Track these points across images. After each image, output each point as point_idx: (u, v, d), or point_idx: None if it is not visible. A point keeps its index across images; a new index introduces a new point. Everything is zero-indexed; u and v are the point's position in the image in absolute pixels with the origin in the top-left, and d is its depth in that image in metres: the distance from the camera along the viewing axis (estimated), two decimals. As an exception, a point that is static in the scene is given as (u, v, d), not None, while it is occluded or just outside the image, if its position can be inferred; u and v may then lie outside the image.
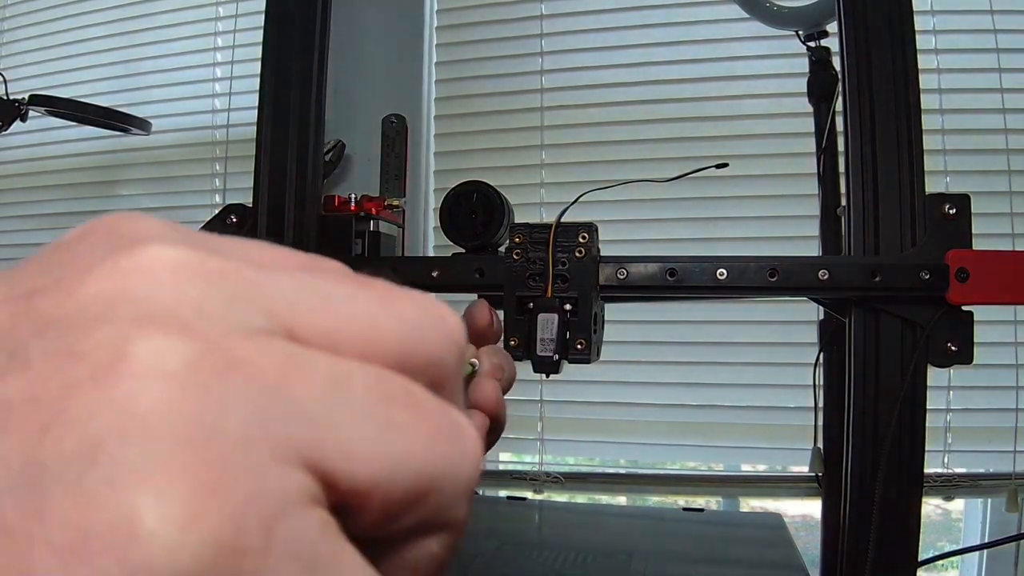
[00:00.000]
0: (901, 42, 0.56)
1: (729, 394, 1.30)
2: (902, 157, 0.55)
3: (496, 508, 1.04)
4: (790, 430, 1.24)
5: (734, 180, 1.26)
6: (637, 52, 1.37)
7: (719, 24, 1.32)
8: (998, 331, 1.17)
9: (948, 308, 0.53)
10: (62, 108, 1.18)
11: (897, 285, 0.52)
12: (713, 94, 1.33)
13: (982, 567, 1.26)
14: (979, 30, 1.23)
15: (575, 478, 1.37)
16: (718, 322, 1.30)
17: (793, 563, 0.79)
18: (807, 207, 1.08)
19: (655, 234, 1.34)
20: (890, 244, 0.54)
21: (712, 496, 1.41)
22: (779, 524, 0.93)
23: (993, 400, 1.20)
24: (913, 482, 0.53)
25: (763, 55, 1.30)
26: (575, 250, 0.56)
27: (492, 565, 0.79)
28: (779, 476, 1.35)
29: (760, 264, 0.53)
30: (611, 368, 1.29)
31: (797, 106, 1.02)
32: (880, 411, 0.53)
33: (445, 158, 1.45)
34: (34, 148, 1.63)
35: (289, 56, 0.66)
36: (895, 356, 0.54)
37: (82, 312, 0.11)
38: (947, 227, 0.54)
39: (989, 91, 1.22)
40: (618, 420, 1.33)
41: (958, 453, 1.20)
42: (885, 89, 0.55)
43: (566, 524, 1.03)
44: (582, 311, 0.55)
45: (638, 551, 0.82)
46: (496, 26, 1.43)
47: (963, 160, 1.20)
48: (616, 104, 1.36)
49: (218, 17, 1.54)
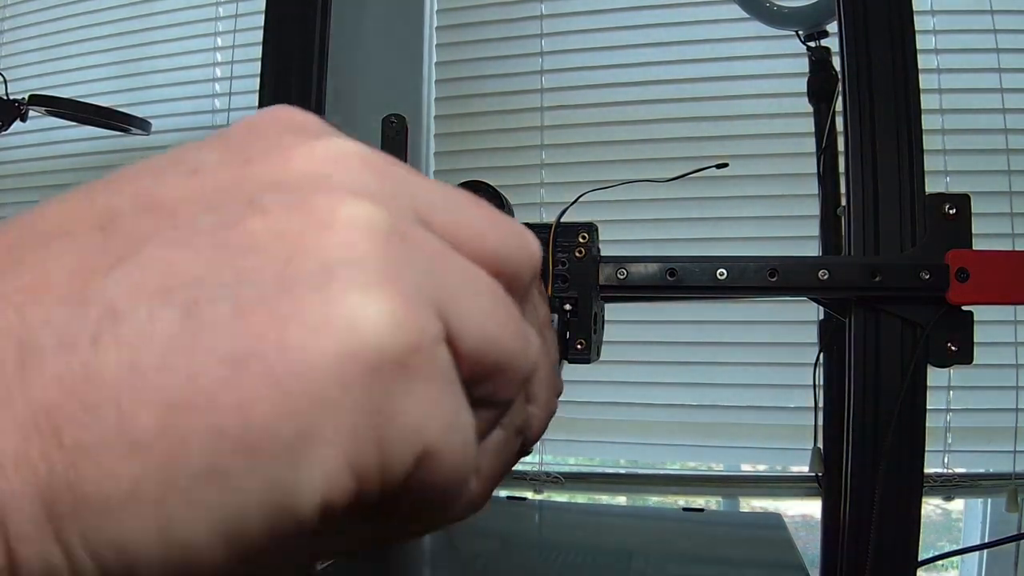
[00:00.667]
0: (901, 42, 0.56)
1: (729, 394, 1.30)
2: (902, 157, 0.55)
3: (496, 508, 1.04)
4: (790, 430, 1.24)
5: (734, 180, 1.26)
6: (637, 52, 1.37)
7: (719, 24, 1.32)
8: (998, 331, 1.17)
9: (948, 308, 0.53)
10: (62, 108, 1.18)
11: (897, 285, 0.52)
12: (713, 94, 1.33)
13: (982, 567, 1.26)
14: (979, 30, 1.23)
15: (575, 478, 1.37)
16: (718, 322, 1.30)
17: (793, 563, 0.79)
18: (807, 207, 1.08)
19: (655, 234, 1.34)
20: (890, 244, 0.54)
21: (712, 496, 1.41)
22: (779, 524, 0.93)
23: (993, 400, 1.20)
24: (913, 482, 0.53)
25: (763, 55, 1.30)
26: (575, 250, 0.56)
27: (492, 565, 0.79)
28: (779, 476, 1.35)
29: (760, 264, 0.53)
30: (611, 368, 1.29)
31: (797, 106, 1.02)
32: (880, 411, 0.53)
33: (445, 158, 1.45)
34: (34, 148, 1.63)
35: (289, 56, 0.66)
36: (895, 356, 0.54)
37: (298, 180, 0.15)
38: (947, 227, 0.54)
39: (989, 91, 1.22)
40: (618, 420, 1.33)
41: (958, 453, 1.20)
42: (885, 89, 0.55)
43: (566, 524, 1.03)
44: (582, 311, 0.55)
45: (638, 551, 0.82)
46: (496, 26, 1.44)
47: (963, 160, 1.20)
48: (616, 104, 1.36)
49: (218, 17, 1.54)
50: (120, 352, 0.13)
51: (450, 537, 0.88)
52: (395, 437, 0.14)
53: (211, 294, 0.13)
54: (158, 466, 0.12)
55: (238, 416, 0.12)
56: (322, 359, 0.13)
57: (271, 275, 0.13)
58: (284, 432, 0.13)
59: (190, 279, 0.13)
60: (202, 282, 0.13)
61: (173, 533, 0.13)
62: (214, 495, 0.13)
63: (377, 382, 0.13)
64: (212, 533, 0.13)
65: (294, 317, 0.13)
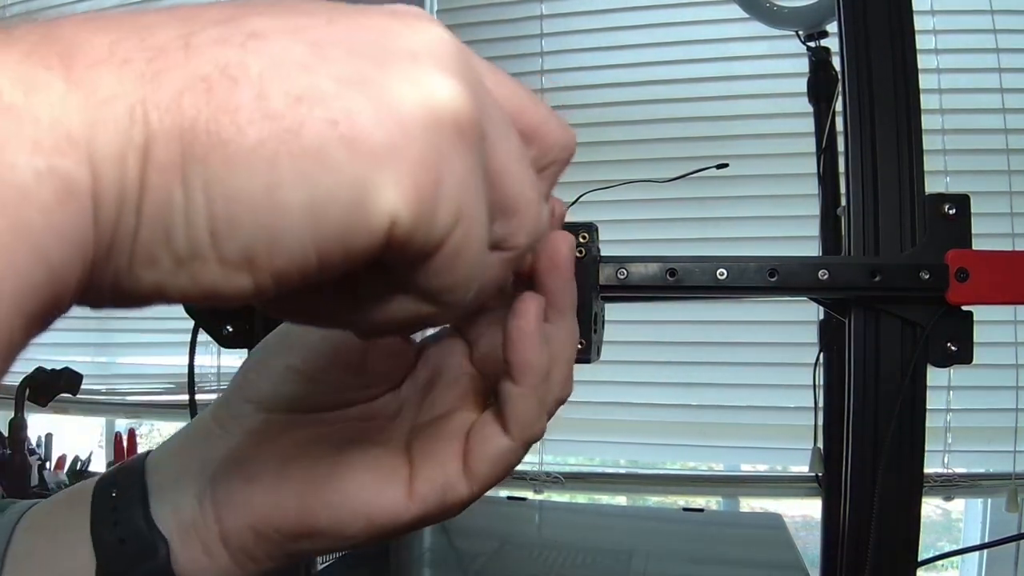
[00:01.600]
0: (901, 42, 0.56)
1: (729, 394, 1.30)
2: (902, 157, 0.55)
3: (496, 508, 1.04)
4: (790, 430, 1.24)
5: (734, 180, 1.26)
6: (637, 52, 1.37)
7: (719, 24, 1.32)
8: (998, 331, 1.17)
9: (948, 308, 0.53)
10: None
11: (897, 285, 0.52)
12: (713, 94, 1.33)
13: (982, 567, 1.26)
14: (979, 30, 1.23)
15: (575, 478, 1.38)
16: (718, 322, 1.30)
17: (793, 563, 0.79)
18: (807, 207, 1.08)
19: (655, 234, 1.34)
20: (890, 244, 0.54)
21: (712, 496, 1.41)
22: (779, 524, 0.94)
23: (993, 400, 1.20)
24: (913, 482, 0.53)
25: (763, 55, 1.30)
26: (575, 250, 0.56)
27: (492, 565, 0.79)
28: (779, 476, 1.35)
29: (760, 264, 0.53)
30: (611, 368, 1.29)
31: (797, 106, 1.02)
32: (880, 411, 0.53)
33: (445, 158, 1.44)
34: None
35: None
36: (895, 356, 0.54)
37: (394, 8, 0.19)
38: (947, 227, 0.54)
39: (989, 91, 1.22)
40: (618, 420, 1.33)
41: (958, 453, 1.21)
42: (885, 89, 0.55)
43: (566, 524, 1.03)
44: (582, 311, 0.55)
45: (638, 551, 0.82)
46: (496, 26, 1.44)
47: (963, 160, 1.20)
48: (616, 104, 1.36)
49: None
50: (261, 56, 0.16)
51: (450, 537, 0.88)
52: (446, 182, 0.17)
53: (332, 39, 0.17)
54: (280, 133, 0.16)
55: (347, 115, 0.16)
56: (413, 101, 0.17)
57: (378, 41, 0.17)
58: (376, 138, 0.16)
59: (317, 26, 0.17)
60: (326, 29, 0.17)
61: (276, 195, 0.16)
62: (315, 170, 0.16)
63: (445, 134, 0.17)
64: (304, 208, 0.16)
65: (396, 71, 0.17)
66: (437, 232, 0.17)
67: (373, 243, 0.17)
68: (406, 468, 0.26)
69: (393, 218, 0.16)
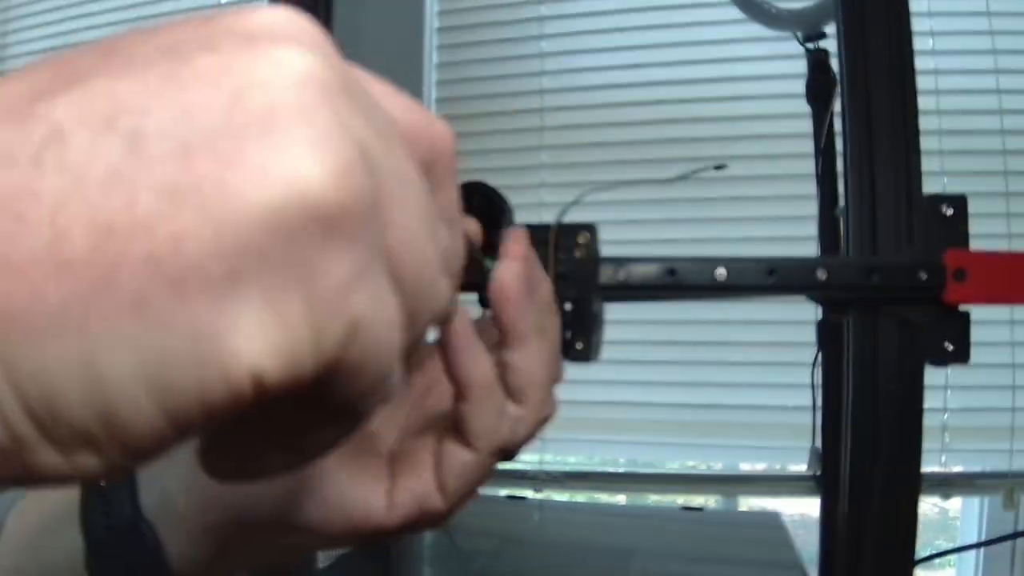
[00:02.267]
0: (899, 44, 0.56)
1: (728, 393, 1.30)
2: (899, 158, 0.55)
3: (496, 507, 1.05)
4: (788, 429, 1.24)
5: (734, 180, 1.26)
6: (637, 53, 1.37)
7: (718, 26, 1.32)
8: (995, 331, 1.18)
9: (945, 308, 0.53)
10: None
11: (895, 285, 0.53)
12: (712, 95, 1.33)
13: (979, 565, 1.26)
14: (976, 32, 1.23)
15: (575, 477, 1.38)
16: (717, 322, 1.30)
17: (791, 562, 0.80)
18: (806, 207, 1.08)
19: (655, 234, 1.34)
20: (888, 244, 0.54)
21: (711, 495, 1.41)
22: (777, 523, 0.94)
23: (990, 399, 1.20)
24: (910, 481, 0.53)
25: (762, 57, 1.30)
26: (575, 250, 0.56)
27: (492, 563, 0.80)
28: (777, 475, 1.35)
29: (759, 264, 0.53)
30: (611, 367, 1.29)
31: (796, 107, 1.02)
32: (878, 410, 0.54)
33: (445, 158, 1.45)
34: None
35: (291, 57, 0.67)
36: (893, 355, 0.54)
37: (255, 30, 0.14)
38: (944, 227, 0.54)
39: (986, 92, 1.22)
40: (618, 419, 1.33)
41: (955, 452, 1.21)
42: (883, 90, 0.56)
43: (566, 523, 1.03)
44: (582, 311, 0.55)
45: (638, 550, 0.82)
46: (497, 27, 1.44)
47: (960, 161, 1.21)
48: (616, 105, 1.37)
49: (218, 17, 1.54)
50: (60, 173, 0.12)
51: (450, 536, 0.88)
52: (323, 297, 0.13)
53: (157, 127, 0.13)
54: (86, 289, 0.12)
55: (171, 247, 0.12)
56: (258, 204, 0.13)
57: (218, 111, 0.13)
58: (214, 270, 0.12)
59: (137, 110, 0.13)
60: (148, 113, 0.13)
61: (96, 368, 0.12)
62: (140, 330, 0.12)
63: (308, 236, 0.13)
64: (137, 378, 0.12)
65: (236, 160, 0.13)
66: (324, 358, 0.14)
67: (240, 396, 0.13)
68: (389, 478, 0.27)
69: (253, 370, 0.13)
